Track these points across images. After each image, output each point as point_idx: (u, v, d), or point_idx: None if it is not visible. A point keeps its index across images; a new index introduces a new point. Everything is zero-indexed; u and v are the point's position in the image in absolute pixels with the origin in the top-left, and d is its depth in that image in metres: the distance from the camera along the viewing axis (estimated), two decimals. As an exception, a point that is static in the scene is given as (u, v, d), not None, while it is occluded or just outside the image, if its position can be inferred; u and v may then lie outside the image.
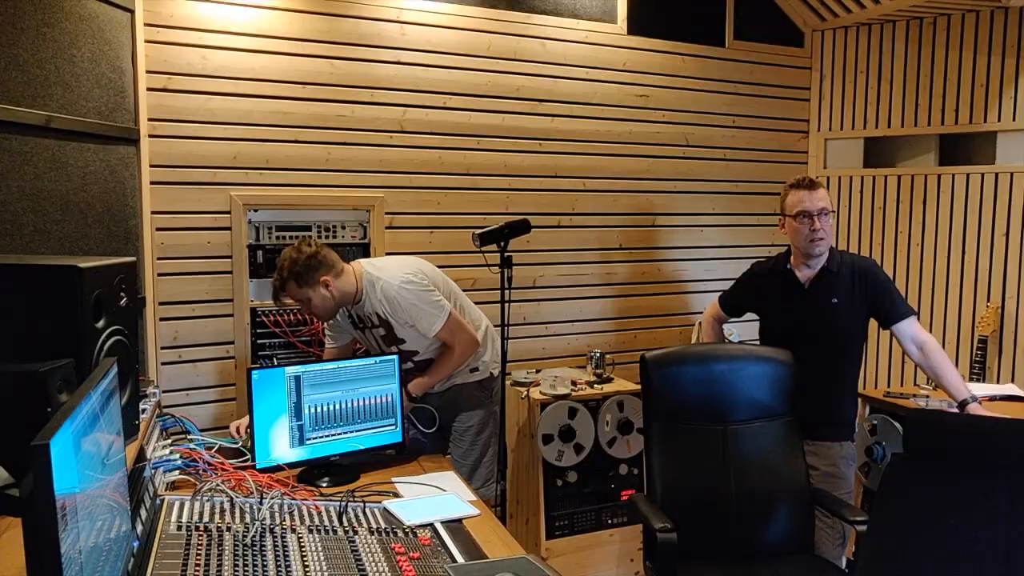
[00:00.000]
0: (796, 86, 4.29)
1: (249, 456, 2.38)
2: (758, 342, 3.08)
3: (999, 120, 3.83)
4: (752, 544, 2.57)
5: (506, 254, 2.74)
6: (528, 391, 3.32)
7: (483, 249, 2.74)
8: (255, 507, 1.94)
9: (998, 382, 3.76)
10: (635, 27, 3.83)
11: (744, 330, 3.92)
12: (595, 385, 3.44)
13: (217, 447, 2.45)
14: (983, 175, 3.89)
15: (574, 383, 3.41)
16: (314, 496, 2.14)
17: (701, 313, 3.61)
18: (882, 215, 4.16)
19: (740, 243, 4.20)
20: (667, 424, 2.65)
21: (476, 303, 3.39)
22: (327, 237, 3.21)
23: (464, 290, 3.14)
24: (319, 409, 2.41)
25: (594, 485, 3.36)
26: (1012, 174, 3.81)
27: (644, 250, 4.00)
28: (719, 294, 3.21)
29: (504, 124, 3.58)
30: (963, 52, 3.90)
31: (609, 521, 3.40)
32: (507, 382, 3.47)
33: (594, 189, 3.82)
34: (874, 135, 4.17)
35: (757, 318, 3.07)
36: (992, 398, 2.99)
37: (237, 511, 1.94)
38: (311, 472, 2.38)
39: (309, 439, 2.39)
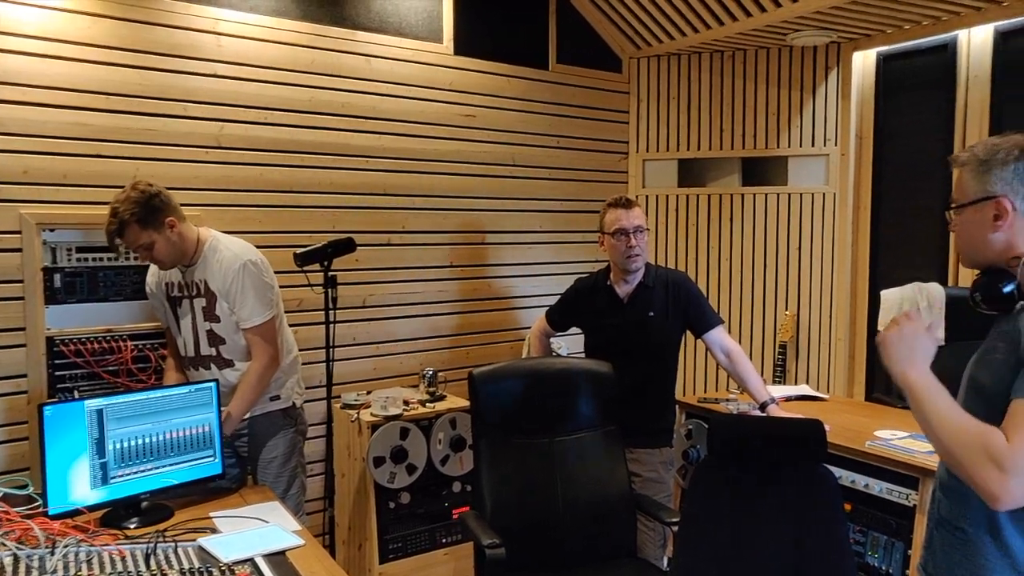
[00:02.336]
0: (616, 109, 4.50)
1: (41, 502, 2.17)
2: (583, 355, 3.20)
3: (789, 146, 4.21)
4: (579, 552, 2.64)
5: (330, 273, 2.68)
6: (358, 413, 3.26)
7: (305, 269, 2.67)
8: (45, 559, 1.76)
9: (796, 383, 4.10)
10: (461, 47, 3.89)
11: (572, 343, 4.05)
12: (427, 404, 3.43)
13: (2, 495, 2.22)
14: (778, 195, 4.25)
15: (406, 403, 3.38)
16: (117, 540, 1.99)
17: (531, 328, 3.69)
18: (695, 231, 4.44)
19: (567, 259, 4.34)
20: (495, 439, 2.68)
21: (303, 324, 3.30)
22: (136, 259, 3.01)
23: (290, 311, 3.04)
24: (126, 444, 2.24)
25: (427, 505, 3.34)
26: (801, 194, 4.19)
27: (474, 267, 4.04)
28: (546, 309, 3.30)
29: (329, 141, 3.52)
30: (758, 84, 4.26)
31: (443, 540, 3.38)
32: (336, 405, 3.40)
33: (424, 207, 3.83)
34: (686, 157, 4.45)
35: (582, 332, 3.19)
36: (789, 398, 3.26)
37: (23, 567, 1.75)
38: (117, 514, 2.20)
39: (114, 478, 2.22)
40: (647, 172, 4.54)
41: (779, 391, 3.30)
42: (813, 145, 4.17)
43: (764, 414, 2.87)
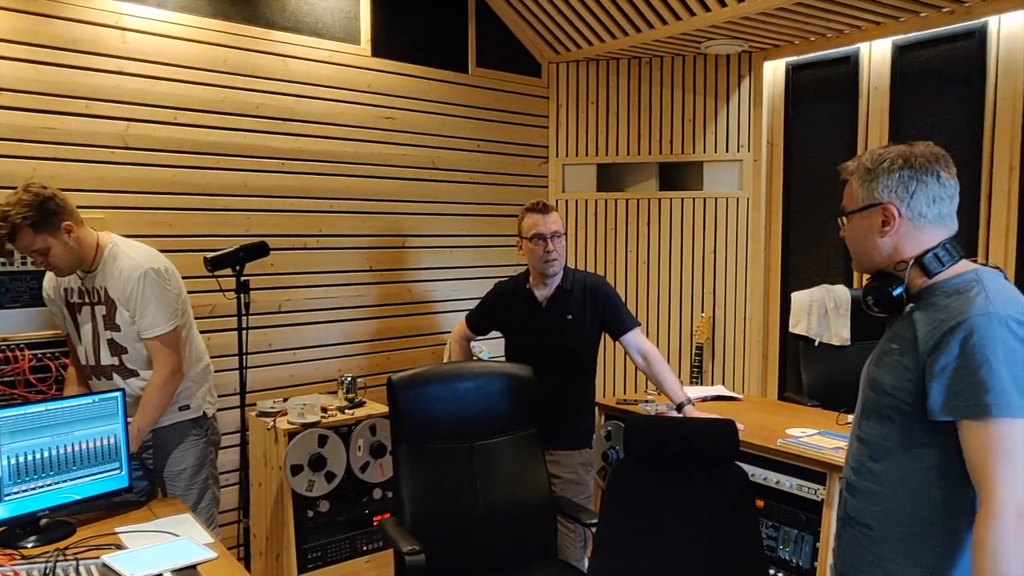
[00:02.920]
0: (536, 114, 4.53)
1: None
2: (504, 358, 3.20)
3: (704, 152, 4.32)
4: (500, 556, 2.64)
5: (243, 278, 2.61)
6: (275, 421, 3.18)
7: (216, 274, 2.59)
8: (-69, 581, 1.66)
9: (712, 384, 4.21)
10: (379, 49, 3.85)
11: (493, 347, 4.05)
12: (346, 410, 3.37)
13: None
14: (695, 199, 4.36)
15: (324, 410, 3.32)
16: (13, 561, 1.88)
17: (451, 332, 3.68)
18: (614, 235, 4.51)
19: (487, 263, 4.35)
20: (414, 445, 2.65)
21: (215, 331, 3.20)
22: (33, 263, 2.86)
23: (202, 318, 2.95)
24: (22, 459, 2.13)
25: (347, 513, 3.29)
26: (716, 199, 4.31)
27: (394, 271, 4.00)
28: (466, 313, 3.29)
29: (245, 143, 3.43)
30: (674, 90, 4.36)
31: (364, 548, 3.33)
32: (251, 413, 3.31)
33: (342, 211, 3.77)
34: (605, 162, 4.52)
35: (502, 335, 3.19)
36: (705, 399, 3.33)
37: (-93, 588, 1.65)
38: (13, 533, 2.08)
39: (8, 495, 2.10)
40: (567, 176, 4.58)
41: (696, 392, 3.37)
42: (727, 151, 4.29)
43: (681, 415, 2.92)
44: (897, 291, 1.55)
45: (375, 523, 3.34)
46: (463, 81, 4.19)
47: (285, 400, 3.44)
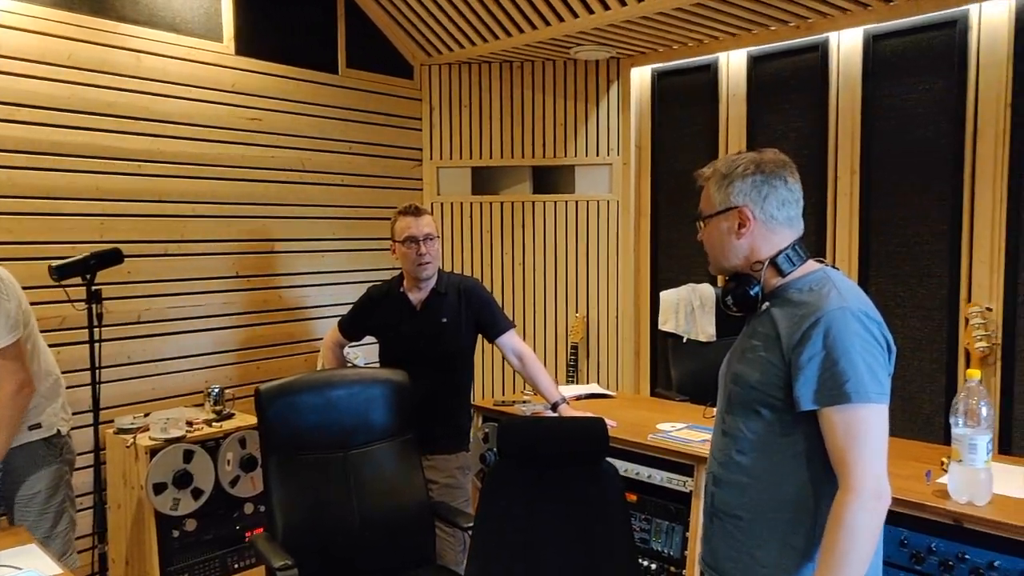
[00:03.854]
0: (408, 116, 4.49)
1: None
2: (379, 364, 3.15)
3: (576, 155, 4.42)
4: (377, 565, 2.59)
5: (94, 287, 2.45)
6: (135, 438, 3.00)
7: (64, 283, 2.42)
8: None
9: (587, 382, 4.30)
10: (243, 48, 3.71)
11: (369, 352, 3.99)
12: (214, 423, 3.23)
13: None
14: (567, 202, 4.44)
15: (190, 423, 3.16)
16: None
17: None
18: (488, 238, 4.53)
19: (361, 267, 4.27)
20: (286, 456, 2.56)
21: (66, 344, 3.00)
22: None
23: (50, 331, 2.74)
24: None
25: (216, 530, 3.15)
26: (588, 202, 4.41)
27: (264, 277, 3.87)
28: (339, 319, 3.22)
29: (95, 143, 3.22)
30: (545, 95, 4.43)
31: (236, 566, 3.20)
32: (108, 430, 3.12)
33: (206, 215, 3.60)
34: (479, 165, 4.53)
35: (376, 341, 3.14)
36: (579, 397, 3.39)
37: None
38: None
39: None
40: (441, 179, 4.57)
41: (570, 391, 3.43)
42: (598, 155, 4.40)
43: (555, 414, 2.97)
44: (754, 290, 1.62)
45: (247, 539, 3.22)
46: (333, 82, 4.10)
47: (146, 415, 3.26)
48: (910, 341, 3.42)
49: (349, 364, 3.65)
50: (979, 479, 1.99)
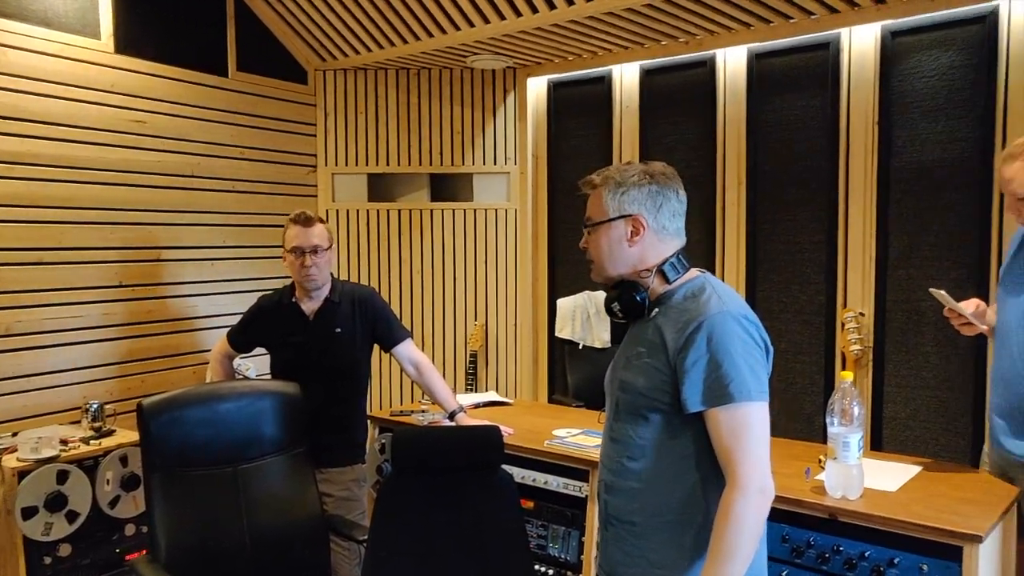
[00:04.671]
0: (302, 121, 4.40)
1: None
2: (270, 376, 3.07)
3: (473, 164, 4.43)
4: (268, 584, 2.51)
5: (-45, 299, 2.28)
6: (1, 459, 2.81)
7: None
8: None
9: (487, 390, 4.30)
10: (124, 46, 3.54)
11: (261, 364, 3.87)
12: (92, 441, 3.06)
13: None
14: (465, 210, 4.45)
15: (64, 442, 2.98)
16: None
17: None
18: (386, 245, 4.48)
19: (253, 276, 4.15)
20: (170, 473, 2.45)
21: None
22: None
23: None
24: None
25: (95, 554, 2.98)
26: (486, 210, 4.43)
27: (149, 286, 3.70)
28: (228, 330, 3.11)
29: (-44, 143, 3.01)
30: (443, 103, 4.43)
31: (115, 591, 3.04)
32: (-28, 452, 2.91)
33: (86, 221, 3.42)
34: (375, 172, 4.48)
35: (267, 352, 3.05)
36: (477, 405, 3.39)
37: None
38: None
39: None
40: (336, 186, 4.49)
41: (468, 399, 3.42)
42: (495, 163, 4.42)
43: (453, 423, 2.96)
44: (641, 297, 1.66)
45: (128, 563, 3.06)
46: (223, 85, 3.97)
47: (15, 434, 3.06)
48: (792, 345, 3.59)
49: (239, 376, 3.54)
50: (852, 475, 2.10)
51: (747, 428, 1.51)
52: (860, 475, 2.11)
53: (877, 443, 3.37)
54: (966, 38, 3.12)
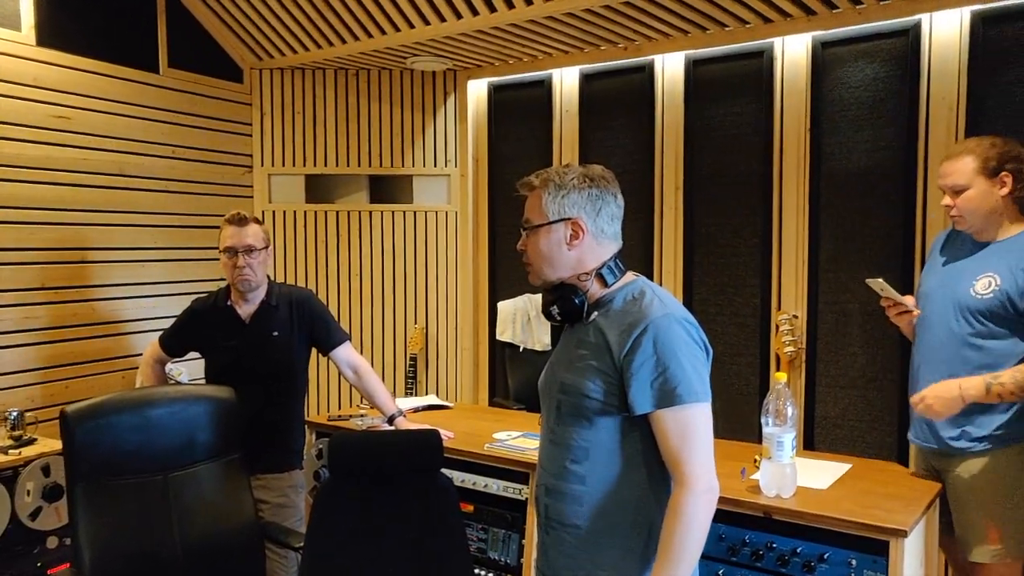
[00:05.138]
0: (238, 121, 4.30)
1: None
2: (204, 380, 2.99)
3: (413, 165, 4.40)
4: (201, 595, 2.44)
5: None
6: (-87, 470, 2.67)
7: None
8: None
9: (427, 394, 4.28)
10: (47, 39, 3.41)
11: (195, 369, 3.76)
12: (11, 451, 2.93)
13: None
14: (405, 212, 4.41)
15: (-18, 452, 2.86)
16: None
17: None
18: (324, 247, 4.41)
19: (187, 278, 4.03)
20: (96, 483, 2.37)
21: None
22: None
23: None
24: None
25: (14, 569, 2.85)
26: (426, 212, 4.40)
27: (74, 289, 3.56)
28: (160, 333, 3.02)
29: None
30: (382, 104, 4.39)
31: (37, 607, 2.91)
32: None
33: (5, 221, 3.28)
34: (313, 172, 4.41)
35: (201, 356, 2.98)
36: (417, 409, 3.36)
37: None
38: None
39: None
40: (273, 187, 4.41)
41: (407, 403, 3.39)
42: (436, 165, 4.40)
43: (392, 427, 2.93)
44: (579, 300, 1.66)
45: (51, 576, 2.94)
46: (153, 82, 3.86)
47: (-72, 444, 2.91)
48: (729, 347, 3.66)
49: (171, 381, 3.44)
50: (785, 473, 2.15)
51: (694, 429, 1.54)
52: (793, 474, 2.16)
53: (809, 442, 3.45)
54: (891, 50, 3.23)
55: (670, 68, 3.77)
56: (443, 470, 2.28)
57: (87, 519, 2.32)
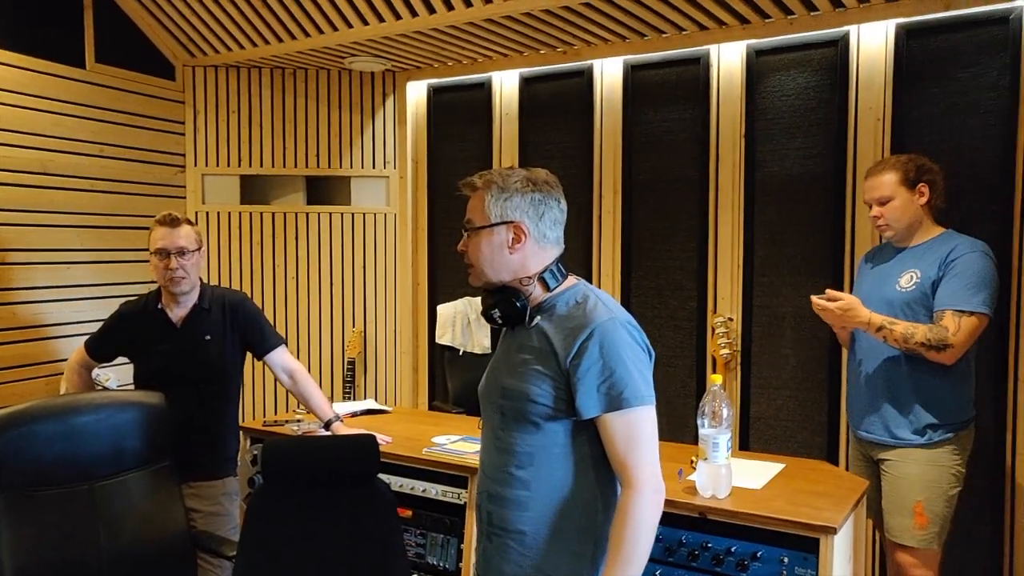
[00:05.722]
0: (170, 119, 4.18)
1: None
2: (133, 386, 2.90)
3: (352, 167, 4.35)
4: (128, 608, 2.37)
5: None
6: None
7: None
8: None
9: (365, 398, 4.23)
10: (-34, 31, 3.27)
11: (124, 373, 3.64)
12: (-75, 461, 2.78)
13: None
14: (343, 214, 4.36)
15: None
16: None
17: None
18: (260, 249, 4.33)
19: (116, 281, 3.90)
20: (18, 494, 2.28)
21: None
22: None
23: None
24: None
25: (-73, 586, 2.71)
26: (364, 214, 4.35)
27: (-7, 292, 3.42)
28: (86, 338, 2.92)
29: None
30: (319, 104, 4.32)
31: (-47, 625, 2.77)
32: None
33: (-83, 220, 3.13)
34: (248, 173, 4.32)
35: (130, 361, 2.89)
36: (354, 414, 3.32)
37: None
38: None
39: None
40: (207, 187, 4.30)
41: (345, 407, 3.35)
42: (374, 167, 4.36)
43: (329, 432, 2.89)
44: (521, 303, 1.65)
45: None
46: (79, 77, 3.72)
47: None
48: (667, 349, 3.71)
49: (99, 387, 3.33)
50: (721, 474, 2.19)
51: (640, 431, 1.56)
52: (728, 474, 2.20)
53: (745, 442, 3.53)
54: (821, 60, 3.33)
55: (609, 73, 3.81)
56: (380, 475, 2.26)
57: (10, 531, 2.24)
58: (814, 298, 2.51)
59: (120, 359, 2.97)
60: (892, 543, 2.55)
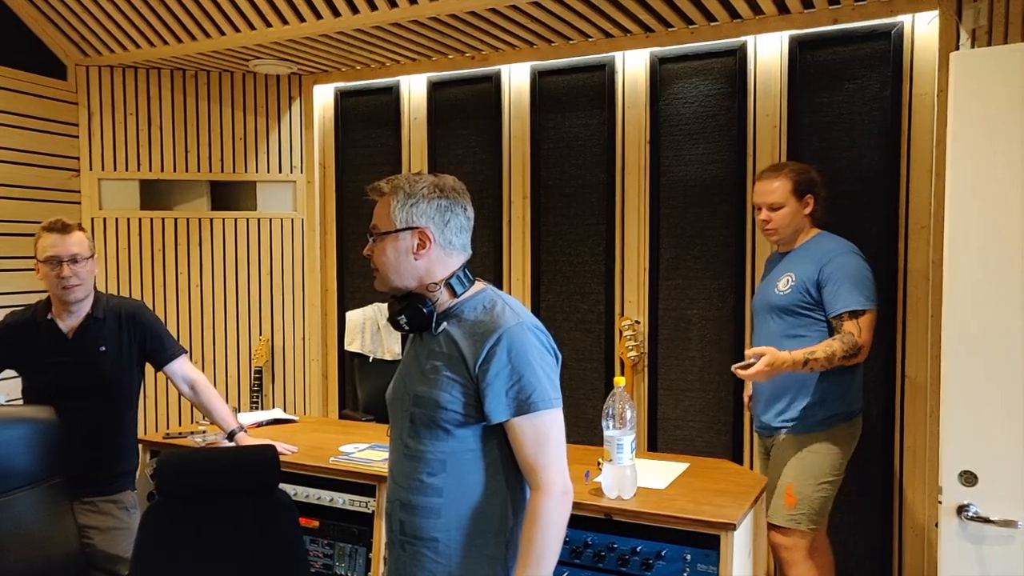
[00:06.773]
0: (63, 121, 4.00)
1: None
2: (22, 401, 2.76)
3: (257, 171, 4.25)
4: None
5: None
6: None
7: None
8: None
9: (273, 407, 4.13)
10: None
11: (11, 388, 3.46)
12: None
13: None
14: (248, 220, 4.25)
15: None
16: None
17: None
18: (161, 256, 4.18)
19: (7, 291, 3.70)
20: None
21: None
22: None
23: None
24: None
25: None
26: (271, 219, 4.26)
27: None
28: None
29: None
30: (223, 107, 4.21)
31: None
32: None
33: None
34: (149, 178, 4.17)
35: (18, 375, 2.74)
36: (260, 424, 3.24)
37: None
38: None
39: None
40: (104, 192, 4.13)
41: (250, 417, 3.27)
42: (280, 172, 4.27)
43: (233, 443, 2.81)
44: (428, 310, 1.65)
45: None
46: (-38, 75, 3.53)
47: None
48: (576, 352, 3.76)
49: (-17, 403, 3.15)
50: (626, 475, 2.23)
51: (548, 434, 1.58)
52: (634, 475, 2.24)
53: (653, 443, 3.60)
54: (721, 69, 3.44)
55: (517, 78, 3.84)
56: (283, 486, 2.21)
57: None
58: (736, 369, 2.51)
59: (8, 373, 2.81)
60: (768, 525, 2.64)
